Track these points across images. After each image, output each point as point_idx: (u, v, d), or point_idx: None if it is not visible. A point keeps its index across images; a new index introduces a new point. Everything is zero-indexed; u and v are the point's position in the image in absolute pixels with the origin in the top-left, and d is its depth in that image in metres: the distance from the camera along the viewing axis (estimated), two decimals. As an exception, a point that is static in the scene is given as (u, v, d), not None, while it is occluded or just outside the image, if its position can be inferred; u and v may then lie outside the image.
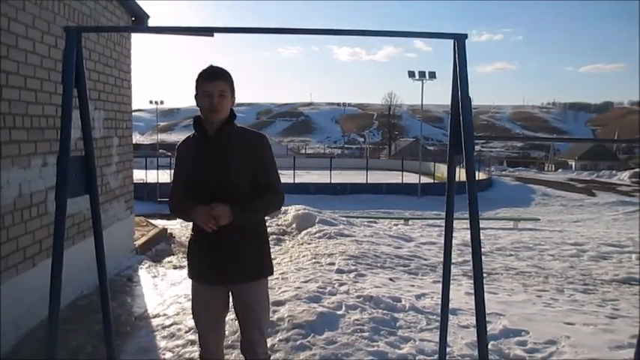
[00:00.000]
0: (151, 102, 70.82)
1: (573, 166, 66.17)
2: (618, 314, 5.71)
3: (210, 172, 2.49)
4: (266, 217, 2.75)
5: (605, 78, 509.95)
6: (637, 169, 45.20)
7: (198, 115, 2.58)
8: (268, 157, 2.59)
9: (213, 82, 2.46)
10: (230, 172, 2.49)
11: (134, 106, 7.73)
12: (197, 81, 2.49)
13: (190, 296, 2.75)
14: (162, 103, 71.07)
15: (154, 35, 10.82)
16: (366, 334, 4.24)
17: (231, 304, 2.71)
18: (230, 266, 2.52)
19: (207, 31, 2.49)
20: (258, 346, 2.67)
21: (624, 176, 42.55)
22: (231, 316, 2.91)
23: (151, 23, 7.69)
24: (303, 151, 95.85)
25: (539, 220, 19.94)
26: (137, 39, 8.38)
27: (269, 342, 3.65)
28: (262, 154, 2.56)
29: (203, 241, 2.53)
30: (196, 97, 2.51)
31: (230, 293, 2.66)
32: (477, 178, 2.63)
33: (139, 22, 7.37)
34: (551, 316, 5.32)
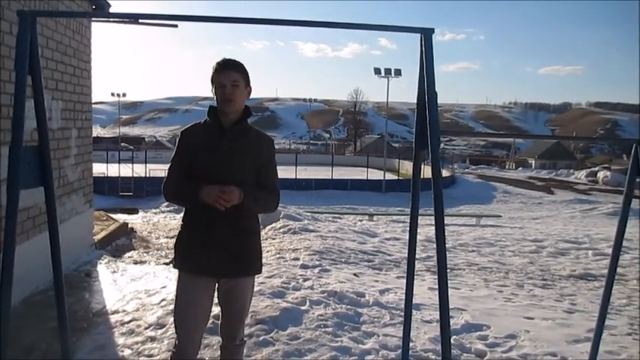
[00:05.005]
0: (113, 94, 69.43)
1: (533, 165, 67.86)
2: (575, 309, 5.85)
3: (221, 163, 2.51)
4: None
5: (564, 79, 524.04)
6: (593, 168, 46.65)
7: (214, 106, 2.59)
8: (273, 160, 2.68)
9: (226, 72, 2.50)
10: (240, 166, 2.54)
11: (95, 98, 7.52)
12: (212, 75, 2.52)
13: (176, 292, 2.66)
14: (124, 95, 69.72)
15: (116, 26, 10.59)
16: (330, 329, 4.22)
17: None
18: (229, 260, 2.54)
19: (172, 20, 2.41)
20: (238, 331, 2.76)
21: (581, 175, 43.89)
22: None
23: (112, 12, 7.49)
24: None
25: (500, 216, 20.38)
26: (98, 29, 8.17)
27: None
28: (269, 156, 2.65)
29: (201, 233, 2.53)
30: (212, 90, 2.55)
31: (217, 284, 2.64)
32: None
33: (100, 10, 7.16)
34: (511, 311, 5.41)
